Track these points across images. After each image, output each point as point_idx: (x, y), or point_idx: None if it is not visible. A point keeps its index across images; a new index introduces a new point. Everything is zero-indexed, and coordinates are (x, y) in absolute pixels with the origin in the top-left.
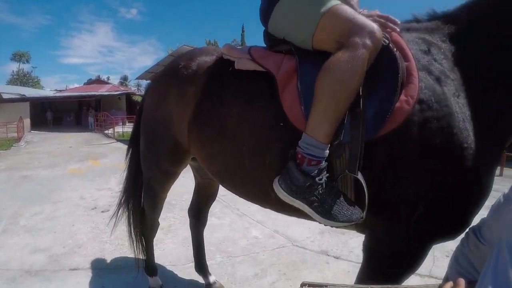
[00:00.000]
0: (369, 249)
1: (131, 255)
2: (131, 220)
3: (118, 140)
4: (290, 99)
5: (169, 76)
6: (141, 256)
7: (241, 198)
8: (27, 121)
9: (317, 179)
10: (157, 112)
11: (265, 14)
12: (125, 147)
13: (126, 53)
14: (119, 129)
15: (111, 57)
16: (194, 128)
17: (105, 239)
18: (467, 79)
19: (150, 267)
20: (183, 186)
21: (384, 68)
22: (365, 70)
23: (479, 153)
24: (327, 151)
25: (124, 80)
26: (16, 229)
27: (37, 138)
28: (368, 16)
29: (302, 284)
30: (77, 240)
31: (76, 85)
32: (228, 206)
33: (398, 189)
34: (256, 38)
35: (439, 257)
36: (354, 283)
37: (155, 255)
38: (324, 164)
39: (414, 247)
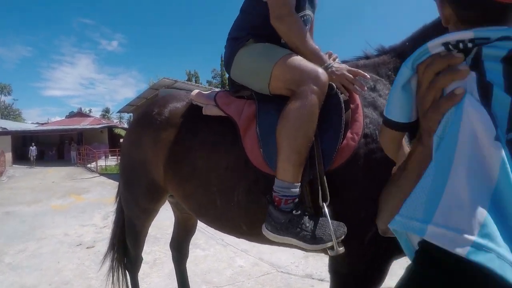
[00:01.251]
0: (333, 271)
1: None
2: (115, 255)
3: (101, 174)
4: (250, 143)
5: (144, 122)
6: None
7: None
8: (8, 155)
9: (294, 212)
10: (134, 156)
11: (227, 63)
12: (108, 181)
13: (107, 85)
14: (101, 162)
15: (93, 89)
16: (169, 170)
17: (91, 275)
18: None
19: None
20: (169, 219)
21: (332, 110)
22: (318, 113)
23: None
24: (298, 189)
25: (106, 112)
26: (1, 267)
27: (19, 172)
28: (337, 70)
29: None
30: (63, 277)
31: (58, 118)
32: (212, 237)
33: (354, 213)
34: None
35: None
36: None
37: None
38: (297, 199)
39: (374, 265)
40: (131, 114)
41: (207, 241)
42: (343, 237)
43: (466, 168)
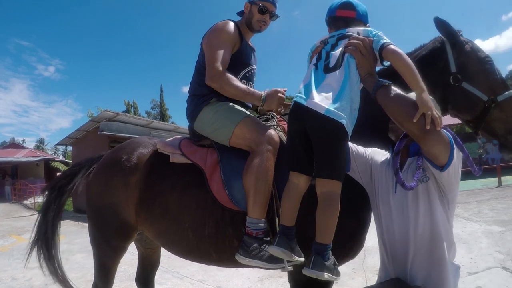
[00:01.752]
0: (291, 279)
1: None
2: None
3: (39, 212)
4: (216, 186)
5: (113, 168)
6: None
7: (178, 261)
8: None
9: (264, 238)
10: (103, 198)
11: (191, 117)
12: None
13: (42, 114)
14: (38, 199)
15: (26, 117)
16: (142, 211)
17: None
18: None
19: None
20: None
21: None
22: (273, 165)
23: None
24: (264, 224)
25: (40, 143)
26: None
27: None
28: (268, 95)
29: None
30: None
31: None
32: (167, 270)
33: (302, 230)
34: (173, 98)
35: (370, 277)
36: None
37: None
38: (266, 229)
39: None
40: (70, 146)
41: (162, 275)
42: (293, 258)
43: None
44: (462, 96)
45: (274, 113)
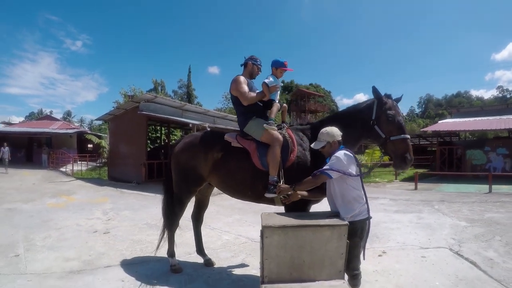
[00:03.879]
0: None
1: (145, 255)
2: (165, 221)
3: (77, 178)
4: (256, 159)
5: (197, 145)
6: (166, 245)
7: (209, 219)
8: None
9: (277, 183)
10: (189, 162)
11: (243, 125)
12: (87, 184)
13: (68, 87)
14: (75, 166)
15: (53, 89)
16: (213, 172)
17: (120, 248)
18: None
19: (172, 252)
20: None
21: (285, 147)
22: (280, 150)
23: (313, 166)
24: (276, 177)
25: (67, 115)
26: (37, 248)
27: None
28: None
29: (262, 214)
30: (98, 250)
31: (15, 117)
32: (203, 225)
33: (293, 182)
34: (200, 79)
35: None
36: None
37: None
38: (277, 179)
39: (303, 202)
40: (98, 121)
41: None
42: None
43: None
44: (373, 133)
45: (285, 124)
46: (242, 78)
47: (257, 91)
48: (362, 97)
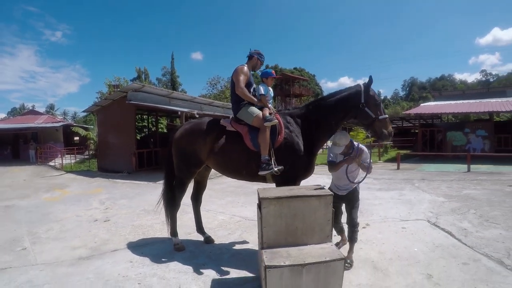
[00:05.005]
0: (276, 180)
1: (148, 237)
2: (166, 203)
3: (67, 172)
4: (248, 141)
5: (197, 131)
6: (166, 227)
7: (204, 202)
8: None
9: (269, 161)
10: (189, 147)
11: (236, 111)
12: (79, 177)
13: (49, 79)
14: (60, 161)
15: (34, 83)
16: (210, 153)
17: (123, 234)
18: (300, 130)
19: (174, 231)
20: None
21: (273, 130)
22: (269, 133)
23: (302, 148)
24: (268, 156)
25: (50, 109)
26: (42, 241)
27: None
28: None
29: (258, 188)
30: (102, 237)
31: None
32: None
33: (281, 161)
34: (183, 65)
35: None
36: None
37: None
38: (268, 159)
39: (292, 179)
40: (81, 113)
41: None
42: (278, 169)
43: None
44: (364, 113)
45: (273, 110)
46: (245, 69)
47: (254, 94)
48: (346, 80)
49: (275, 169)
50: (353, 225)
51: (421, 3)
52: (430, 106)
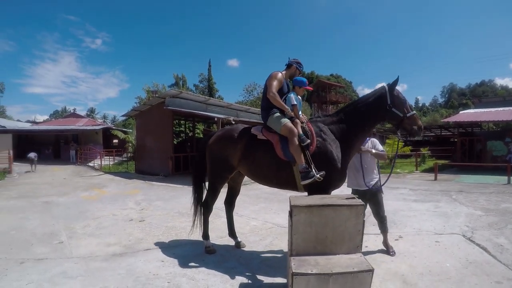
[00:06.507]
0: (308, 188)
1: (181, 239)
2: (198, 208)
3: (105, 172)
4: (279, 151)
5: (228, 139)
6: (199, 230)
7: (238, 208)
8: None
9: (308, 169)
10: (222, 153)
11: (265, 119)
12: (116, 178)
13: (90, 84)
14: (99, 162)
15: (75, 87)
16: (242, 161)
17: (157, 234)
18: (334, 137)
19: (206, 234)
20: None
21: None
22: (298, 142)
23: (335, 156)
24: (305, 164)
25: (91, 112)
26: (78, 236)
27: (24, 170)
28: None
29: (290, 196)
30: (136, 236)
31: (39, 116)
32: None
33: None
34: (220, 72)
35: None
36: None
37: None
38: (306, 167)
39: (324, 188)
40: (121, 117)
41: None
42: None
43: None
44: (392, 114)
45: (305, 118)
46: (279, 75)
47: (286, 102)
48: None
49: (317, 175)
50: (381, 219)
51: (460, 7)
52: (469, 114)
